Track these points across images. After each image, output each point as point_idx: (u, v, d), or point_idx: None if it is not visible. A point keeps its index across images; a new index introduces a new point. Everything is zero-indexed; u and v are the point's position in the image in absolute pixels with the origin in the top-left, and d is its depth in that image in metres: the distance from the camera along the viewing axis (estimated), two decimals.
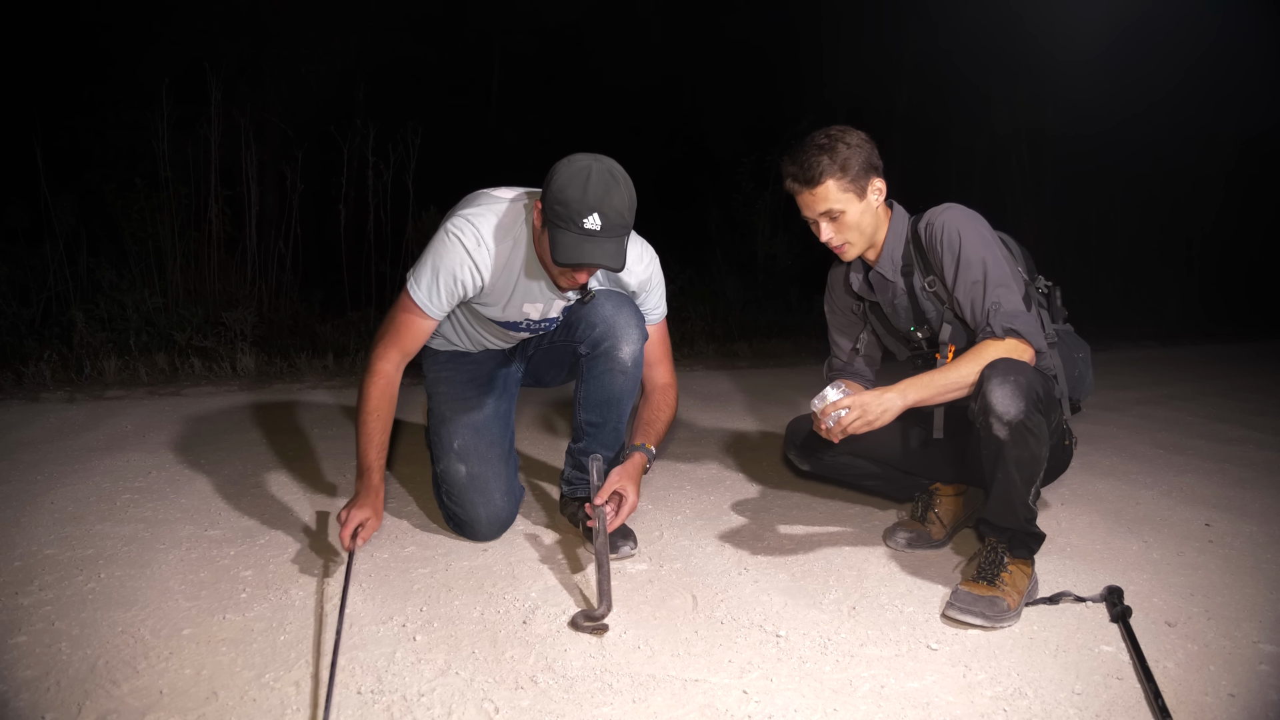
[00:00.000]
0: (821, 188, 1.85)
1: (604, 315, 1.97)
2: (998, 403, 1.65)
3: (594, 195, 1.67)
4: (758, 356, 5.38)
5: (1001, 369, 1.69)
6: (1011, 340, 1.77)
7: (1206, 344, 6.67)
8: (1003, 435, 1.66)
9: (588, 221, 1.67)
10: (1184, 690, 1.38)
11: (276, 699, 1.30)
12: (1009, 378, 1.67)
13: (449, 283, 1.85)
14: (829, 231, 1.91)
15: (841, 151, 1.84)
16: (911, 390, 1.77)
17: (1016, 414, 1.64)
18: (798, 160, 1.86)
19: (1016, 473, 1.68)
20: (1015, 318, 1.78)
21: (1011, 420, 1.65)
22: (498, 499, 2.00)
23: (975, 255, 1.84)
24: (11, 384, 3.64)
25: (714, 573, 1.85)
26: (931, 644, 1.53)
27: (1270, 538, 2.14)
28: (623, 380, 1.99)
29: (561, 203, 1.68)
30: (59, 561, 1.81)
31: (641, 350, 1.99)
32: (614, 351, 1.96)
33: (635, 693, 1.34)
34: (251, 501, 2.25)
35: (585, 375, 2.02)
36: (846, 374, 2.18)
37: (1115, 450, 3.03)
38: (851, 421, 1.75)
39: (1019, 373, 1.68)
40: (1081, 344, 2.06)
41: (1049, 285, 2.05)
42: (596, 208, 1.67)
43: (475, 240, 1.84)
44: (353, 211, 5.44)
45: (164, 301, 4.62)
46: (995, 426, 1.66)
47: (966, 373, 1.75)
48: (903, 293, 1.98)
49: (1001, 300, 1.80)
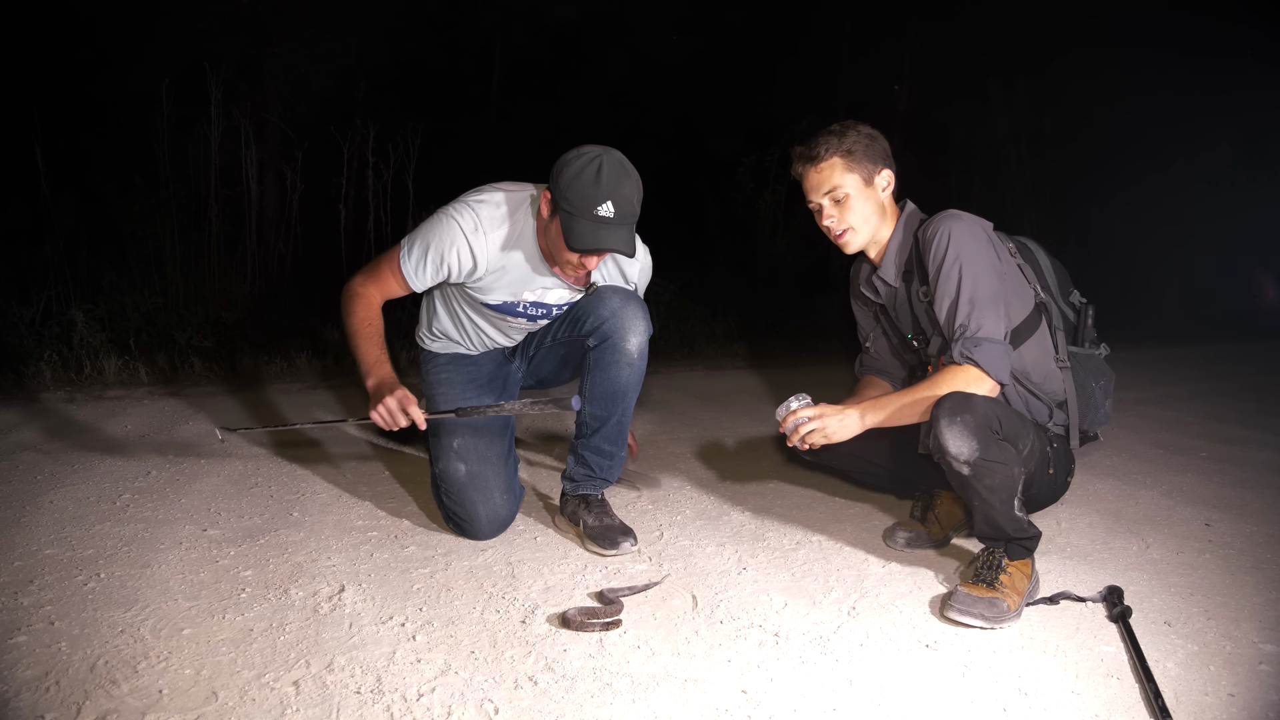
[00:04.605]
0: (826, 165, 1.84)
1: (612, 308, 1.99)
2: (950, 444, 1.62)
3: (607, 184, 1.73)
4: (758, 356, 5.38)
5: (949, 406, 1.63)
6: (970, 369, 1.72)
7: (1206, 344, 6.67)
8: (965, 472, 1.64)
9: (601, 209, 1.73)
10: (1184, 690, 1.38)
11: (276, 699, 1.30)
12: (957, 417, 1.62)
13: (436, 261, 1.91)
14: (831, 214, 1.87)
15: (851, 136, 1.84)
16: (870, 413, 1.77)
17: (970, 453, 1.61)
18: (806, 141, 1.87)
19: (991, 497, 1.66)
20: (979, 345, 1.72)
21: (969, 459, 1.62)
22: (497, 497, 2.00)
23: (956, 270, 1.77)
24: (11, 384, 3.64)
25: (714, 573, 1.85)
26: (931, 644, 1.53)
27: (1270, 538, 2.14)
28: (629, 373, 2.01)
29: (575, 191, 1.73)
30: (59, 561, 1.81)
31: (646, 343, 2.02)
32: (621, 343, 1.99)
33: (635, 693, 1.34)
34: (251, 501, 2.25)
35: (591, 367, 2.03)
36: (874, 370, 2.16)
37: (1115, 450, 3.03)
38: (809, 433, 1.77)
39: (967, 409, 1.62)
40: (1105, 371, 1.99)
41: (1082, 303, 1.98)
42: (610, 196, 1.73)
43: (473, 225, 1.89)
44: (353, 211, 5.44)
45: (164, 301, 4.62)
46: (955, 465, 1.64)
47: (920, 399, 1.73)
48: (904, 298, 1.95)
49: (970, 322, 1.74)
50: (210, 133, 4.89)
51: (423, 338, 2.26)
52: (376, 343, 1.92)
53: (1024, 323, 1.85)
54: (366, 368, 1.89)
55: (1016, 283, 1.87)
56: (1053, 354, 1.89)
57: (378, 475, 2.50)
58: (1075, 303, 1.98)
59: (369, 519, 2.14)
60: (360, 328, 1.93)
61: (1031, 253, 1.97)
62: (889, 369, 2.14)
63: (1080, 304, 1.98)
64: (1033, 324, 1.87)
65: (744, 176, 6.48)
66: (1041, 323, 1.89)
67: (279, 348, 4.44)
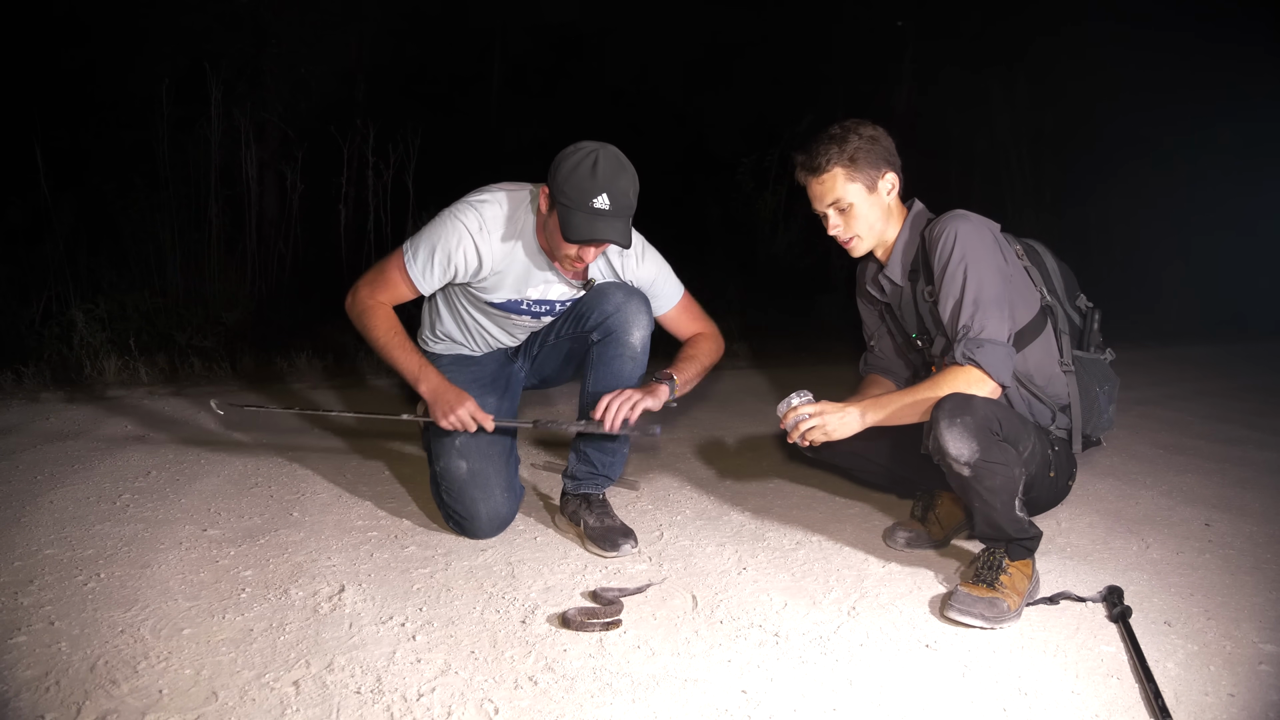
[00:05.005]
0: (829, 176, 1.82)
1: (616, 302, 2.02)
2: (950, 446, 1.62)
3: (603, 177, 1.77)
4: (758, 356, 5.37)
5: (949, 408, 1.63)
6: (972, 370, 1.71)
7: (1206, 344, 6.66)
8: (965, 474, 1.64)
9: (597, 201, 1.76)
10: (1184, 690, 1.38)
11: (276, 699, 1.30)
12: (957, 418, 1.62)
13: (443, 262, 1.94)
14: (837, 224, 1.88)
15: (852, 142, 1.81)
16: (870, 412, 1.77)
17: (971, 454, 1.61)
18: (807, 149, 1.86)
19: (992, 498, 1.66)
20: (981, 346, 1.71)
21: (969, 461, 1.62)
22: (498, 495, 2.00)
23: (961, 271, 1.75)
24: (11, 384, 3.63)
25: (714, 573, 1.86)
26: (931, 644, 1.53)
27: (1270, 538, 2.14)
28: (631, 366, 2.03)
29: (572, 184, 1.76)
30: (59, 561, 1.81)
31: (649, 338, 2.05)
32: (625, 337, 2.01)
33: (635, 693, 1.34)
34: (251, 501, 2.25)
35: (594, 362, 2.05)
36: (879, 369, 2.16)
37: (1115, 450, 3.03)
38: (809, 429, 1.77)
39: (967, 411, 1.62)
40: (1110, 377, 1.98)
41: (1088, 307, 1.97)
42: (605, 189, 1.76)
43: (478, 225, 1.93)
44: (353, 211, 5.44)
45: (164, 301, 4.61)
46: (955, 467, 1.64)
47: (921, 399, 1.73)
48: (909, 297, 1.94)
49: (974, 323, 1.73)
50: (210, 133, 4.88)
51: (425, 340, 2.27)
52: (411, 349, 1.96)
53: (1029, 325, 1.84)
54: (413, 376, 1.93)
55: (1022, 285, 1.86)
56: (1057, 357, 1.88)
57: (378, 475, 2.50)
58: (1081, 306, 1.97)
59: (369, 519, 2.14)
60: (390, 338, 1.95)
61: (1039, 255, 1.96)
62: (893, 368, 2.13)
63: (1086, 308, 1.97)
64: (1038, 327, 1.86)
65: (744, 176, 6.47)
66: (1047, 325, 1.88)
67: (279, 348, 4.44)
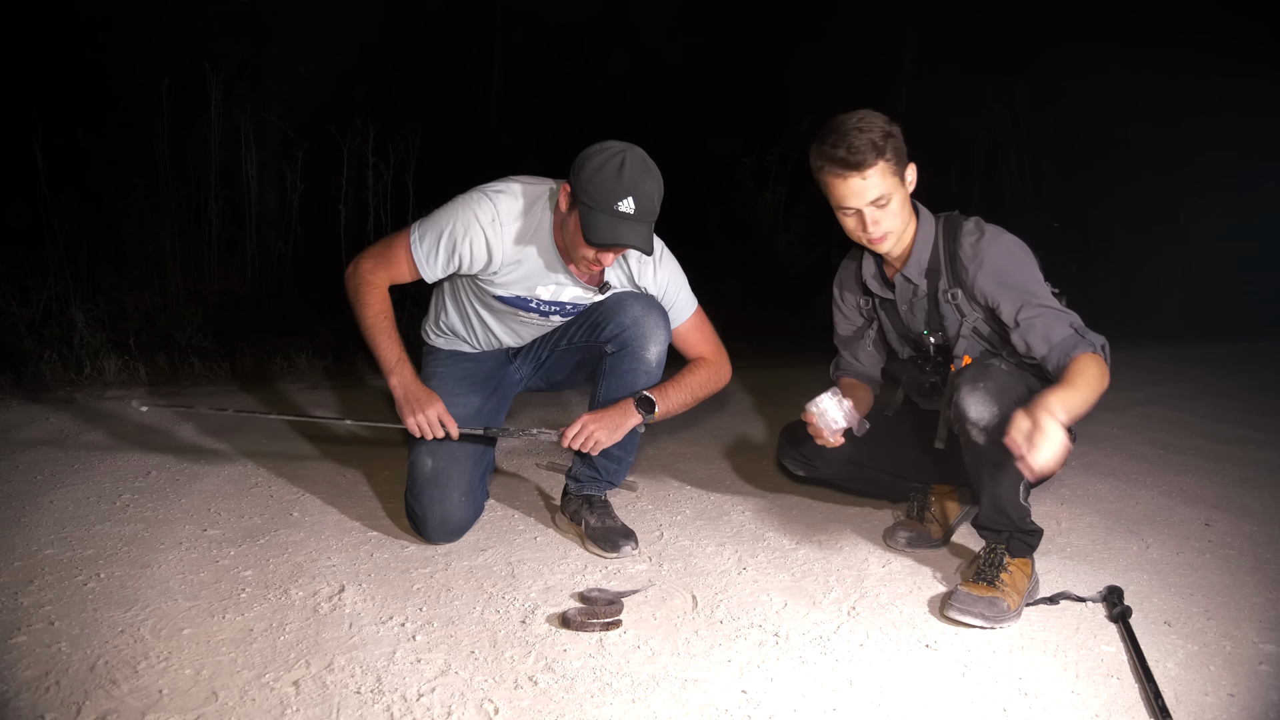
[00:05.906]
0: (873, 171, 1.73)
1: (634, 315, 1.97)
2: (970, 410, 1.67)
3: (629, 180, 1.70)
4: (758, 357, 5.37)
5: (970, 376, 1.69)
6: (1097, 356, 1.70)
7: (1206, 344, 6.66)
8: (981, 440, 1.67)
9: (622, 205, 1.70)
10: (1184, 690, 1.38)
11: (276, 699, 1.30)
12: (979, 384, 1.67)
13: (449, 250, 1.88)
14: (875, 219, 1.78)
15: (879, 130, 1.74)
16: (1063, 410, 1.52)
17: (990, 418, 1.65)
18: (843, 144, 1.71)
19: (1002, 475, 1.68)
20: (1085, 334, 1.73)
21: (987, 425, 1.65)
22: (454, 499, 1.94)
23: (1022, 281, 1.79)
24: (11, 384, 3.63)
25: (714, 573, 1.86)
26: (931, 644, 1.53)
27: (1270, 538, 2.14)
28: (645, 380, 1.99)
29: (596, 184, 1.70)
30: (59, 561, 1.81)
31: (665, 353, 2.01)
32: (641, 352, 1.97)
33: (635, 693, 1.34)
34: (251, 501, 2.25)
35: (607, 373, 2.01)
36: (852, 373, 2.17)
37: (1115, 450, 3.03)
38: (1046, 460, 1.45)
39: (989, 377, 1.68)
40: None
41: (1055, 292, 1.98)
42: (631, 192, 1.70)
43: (491, 217, 1.86)
44: (353, 211, 5.44)
45: (164, 301, 4.62)
46: (973, 433, 1.67)
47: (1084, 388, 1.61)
48: (924, 295, 1.93)
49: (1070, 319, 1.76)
50: (210, 133, 4.89)
51: (428, 332, 2.23)
52: (395, 339, 1.90)
53: None
54: (389, 367, 1.88)
55: None
56: None
57: (378, 475, 2.50)
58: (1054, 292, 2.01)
59: (369, 519, 2.14)
60: (377, 321, 1.89)
61: None
62: (869, 373, 2.16)
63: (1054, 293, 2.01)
64: None
65: (744, 176, 6.47)
66: None
67: (279, 347, 4.44)
